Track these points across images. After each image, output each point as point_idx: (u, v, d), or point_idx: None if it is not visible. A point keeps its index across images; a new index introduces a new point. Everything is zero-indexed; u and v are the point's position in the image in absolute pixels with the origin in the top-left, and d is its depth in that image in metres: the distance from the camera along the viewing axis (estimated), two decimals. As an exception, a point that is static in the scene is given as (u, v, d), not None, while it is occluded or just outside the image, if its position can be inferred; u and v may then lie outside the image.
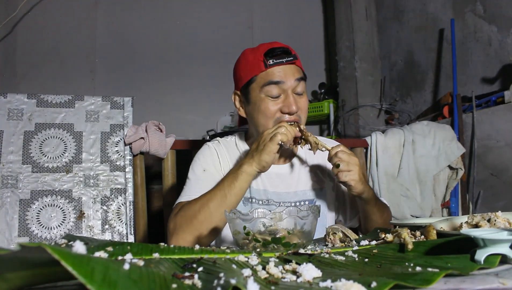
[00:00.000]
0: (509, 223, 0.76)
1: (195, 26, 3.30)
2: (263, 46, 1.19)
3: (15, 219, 1.55)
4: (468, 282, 0.51)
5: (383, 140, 2.22)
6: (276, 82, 1.14)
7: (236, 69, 1.25)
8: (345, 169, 1.08)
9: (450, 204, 2.30)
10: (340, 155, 1.09)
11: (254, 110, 1.19)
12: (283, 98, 1.15)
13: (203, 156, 1.28)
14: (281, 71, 1.15)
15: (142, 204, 1.77)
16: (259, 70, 1.16)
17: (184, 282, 0.45)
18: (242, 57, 1.24)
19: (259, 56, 1.16)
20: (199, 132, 2.93)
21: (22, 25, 2.84)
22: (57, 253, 0.35)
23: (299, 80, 1.17)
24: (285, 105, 1.15)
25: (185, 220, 1.08)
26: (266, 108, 1.15)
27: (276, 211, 0.84)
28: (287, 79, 1.15)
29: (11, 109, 1.64)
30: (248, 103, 1.22)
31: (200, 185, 1.20)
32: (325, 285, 0.46)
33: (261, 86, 1.15)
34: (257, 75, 1.16)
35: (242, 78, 1.20)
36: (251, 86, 1.18)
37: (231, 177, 1.09)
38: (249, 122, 1.27)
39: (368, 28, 3.10)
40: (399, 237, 0.73)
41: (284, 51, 1.17)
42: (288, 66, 1.17)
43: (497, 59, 2.43)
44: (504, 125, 2.20)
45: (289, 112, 1.14)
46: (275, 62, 1.15)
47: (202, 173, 1.23)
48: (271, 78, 1.15)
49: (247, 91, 1.20)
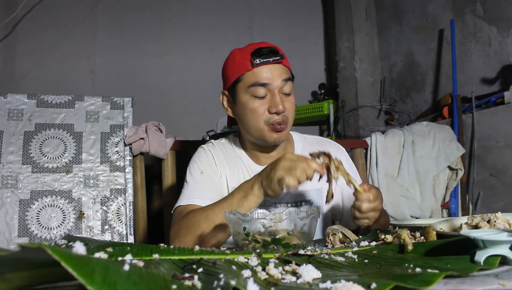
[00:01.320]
0: (509, 224, 0.76)
1: (195, 26, 3.30)
2: (250, 46, 1.19)
3: (15, 219, 1.55)
4: (467, 283, 0.51)
5: (383, 141, 2.22)
6: (262, 84, 1.14)
7: (224, 68, 1.24)
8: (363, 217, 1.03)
9: (450, 205, 2.30)
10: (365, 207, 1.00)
11: (241, 110, 1.19)
12: (270, 97, 1.15)
13: (199, 159, 1.27)
14: (268, 71, 1.14)
15: (142, 204, 1.77)
16: (246, 69, 1.15)
17: (184, 283, 0.45)
18: (230, 57, 1.23)
19: (246, 56, 1.16)
20: (199, 132, 2.93)
21: (22, 25, 2.84)
22: (57, 254, 0.35)
23: (286, 80, 1.16)
24: (271, 106, 1.14)
25: (188, 229, 1.07)
26: (254, 108, 1.15)
27: (276, 212, 0.84)
28: (274, 80, 1.14)
29: (11, 109, 1.64)
30: (235, 103, 1.21)
31: (198, 187, 1.20)
32: (324, 286, 0.46)
33: (248, 86, 1.15)
34: (243, 75, 1.16)
35: (229, 78, 1.20)
36: (238, 85, 1.18)
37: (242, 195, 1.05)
38: (238, 122, 1.26)
39: (368, 29, 3.10)
40: (399, 238, 0.73)
41: (271, 50, 1.16)
42: (275, 66, 1.16)
43: (497, 60, 2.43)
44: (504, 126, 2.20)
45: (276, 112, 1.14)
46: (261, 61, 1.14)
47: (200, 175, 1.23)
48: (257, 79, 1.14)
49: (234, 90, 1.19)
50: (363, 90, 3.01)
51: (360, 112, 2.97)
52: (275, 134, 1.17)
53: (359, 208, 1.01)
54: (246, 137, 1.26)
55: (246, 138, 1.28)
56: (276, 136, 1.17)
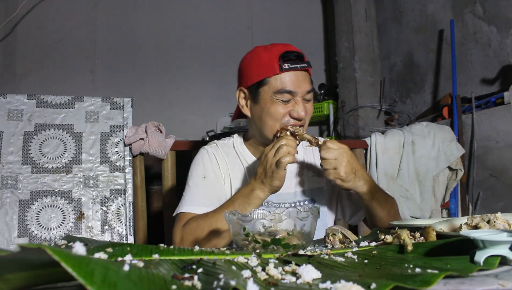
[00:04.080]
0: (508, 224, 0.76)
1: (195, 27, 3.30)
2: (277, 47, 1.18)
3: (15, 220, 1.55)
4: (467, 284, 0.51)
5: (382, 141, 2.22)
6: (289, 92, 1.15)
7: (245, 66, 1.23)
8: (330, 167, 1.08)
9: (449, 205, 2.30)
10: (323, 154, 1.09)
11: (262, 111, 1.18)
12: (293, 103, 1.16)
13: (202, 163, 1.26)
14: (295, 78, 1.15)
15: (141, 205, 1.77)
16: (273, 72, 1.14)
17: (184, 284, 0.45)
18: (254, 55, 1.21)
19: (274, 58, 1.15)
20: (199, 132, 2.93)
21: (22, 25, 2.84)
22: (57, 254, 0.35)
23: (310, 91, 1.18)
24: (294, 110, 1.15)
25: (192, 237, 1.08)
26: (276, 111, 1.15)
27: (275, 212, 0.84)
28: (300, 88, 1.15)
29: (11, 110, 1.64)
30: (255, 102, 1.20)
31: (201, 193, 1.20)
32: (324, 286, 0.46)
33: (274, 92, 1.15)
34: (270, 77, 1.15)
35: (252, 77, 1.19)
36: (263, 87, 1.17)
37: (243, 200, 1.07)
38: (253, 121, 1.25)
39: (368, 29, 3.10)
40: (399, 238, 0.73)
41: (299, 56, 1.17)
42: (302, 74, 1.17)
43: (496, 60, 2.43)
44: (503, 126, 2.20)
45: (298, 118, 1.16)
46: (290, 66, 1.14)
47: (202, 180, 1.22)
48: (284, 86, 1.14)
49: (257, 91, 1.18)
50: (363, 91, 3.02)
51: (360, 112, 2.97)
52: None
53: (321, 157, 1.09)
54: (257, 137, 1.26)
55: (255, 138, 1.27)
56: None
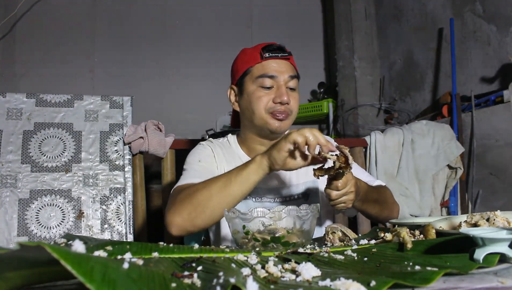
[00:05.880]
0: (508, 222, 0.76)
1: (194, 26, 3.30)
2: (261, 44, 1.25)
3: (14, 219, 1.55)
4: (467, 281, 0.51)
5: (382, 140, 2.22)
6: (270, 76, 1.19)
7: (234, 64, 1.30)
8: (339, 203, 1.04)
9: (449, 204, 2.30)
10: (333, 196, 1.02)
11: (247, 100, 1.22)
12: (275, 89, 1.20)
13: (197, 152, 1.29)
14: (276, 65, 1.21)
15: (141, 203, 1.77)
16: (255, 61, 1.21)
17: (184, 281, 0.45)
18: (240, 53, 1.29)
19: (256, 50, 1.23)
20: (198, 131, 2.93)
21: (21, 24, 2.83)
22: (57, 252, 0.35)
23: (292, 77, 1.22)
24: (277, 96, 1.18)
25: (184, 197, 1.06)
26: (259, 97, 1.19)
27: (275, 210, 0.84)
28: (281, 73, 1.20)
29: (10, 109, 1.64)
30: (241, 94, 1.25)
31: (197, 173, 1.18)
32: (324, 284, 0.46)
33: (256, 77, 1.20)
34: (252, 66, 1.22)
35: (238, 71, 1.25)
36: (246, 77, 1.23)
37: (241, 166, 1.06)
38: (242, 114, 1.28)
39: (368, 28, 3.10)
40: (398, 236, 0.73)
41: (280, 47, 1.24)
42: (283, 61, 1.22)
43: (496, 59, 2.43)
44: (503, 125, 2.20)
45: (281, 102, 1.17)
46: (270, 55, 1.21)
47: (198, 163, 1.24)
48: (265, 71, 1.19)
49: (241, 82, 1.24)
50: (363, 89, 3.02)
51: (360, 111, 2.97)
52: (277, 122, 1.19)
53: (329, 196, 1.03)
54: (248, 132, 1.28)
55: (247, 134, 1.28)
56: (278, 125, 1.19)
